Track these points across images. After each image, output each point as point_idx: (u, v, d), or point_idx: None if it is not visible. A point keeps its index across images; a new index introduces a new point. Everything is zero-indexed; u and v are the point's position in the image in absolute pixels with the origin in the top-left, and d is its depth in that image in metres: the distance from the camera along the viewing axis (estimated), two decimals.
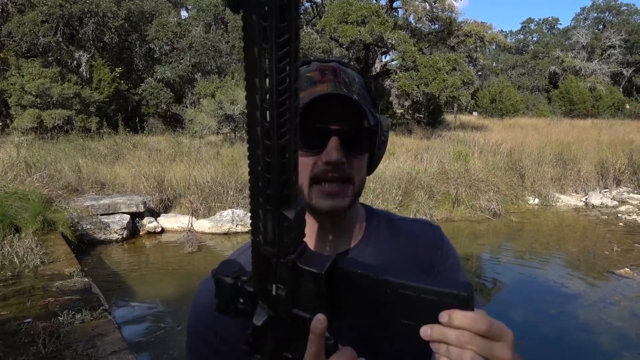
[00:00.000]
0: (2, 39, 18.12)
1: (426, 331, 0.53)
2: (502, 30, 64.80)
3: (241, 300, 0.63)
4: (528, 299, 5.91)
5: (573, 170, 12.24)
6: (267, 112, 0.51)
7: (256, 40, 0.49)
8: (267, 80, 0.50)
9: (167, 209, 8.87)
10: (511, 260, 7.70)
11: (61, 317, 3.95)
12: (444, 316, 0.52)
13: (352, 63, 24.39)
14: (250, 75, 0.52)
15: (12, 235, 6.33)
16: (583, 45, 46.43)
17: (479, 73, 35.34)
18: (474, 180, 10.38)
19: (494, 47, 29.66)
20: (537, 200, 11.30)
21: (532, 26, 63.69)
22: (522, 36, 63.31)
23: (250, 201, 0.56)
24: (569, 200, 11.45)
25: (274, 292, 0.59)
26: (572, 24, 55.01)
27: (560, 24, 64.99)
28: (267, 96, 0.50)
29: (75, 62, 19.70)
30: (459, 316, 0.52)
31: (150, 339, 4.33)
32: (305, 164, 0.81)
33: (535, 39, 61.52)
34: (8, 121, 16.46)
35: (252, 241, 0.58)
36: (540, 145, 13.68)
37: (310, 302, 0.59)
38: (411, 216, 9.17)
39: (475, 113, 35.91)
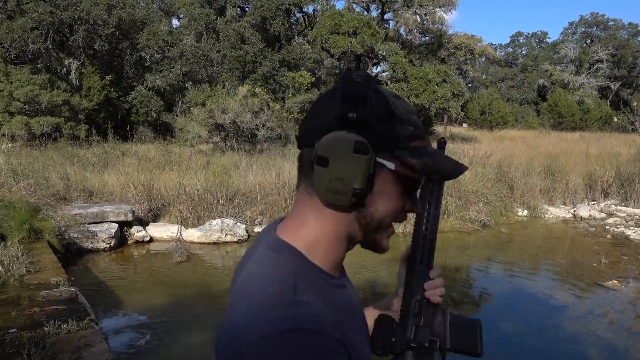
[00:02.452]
0: None
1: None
2: (491, 43, 65.60)
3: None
4: (516, 311, 5.92)
5: (561, 182, 12.34)
6: None
7: None
8: None
9: (156, 218, 8.81)
10: (500, 272, 7.72)
11: (47, 327, 3.88)
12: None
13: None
14: None
15: None
16: (571, 59, 47.07)
17: (469, 85, 35.64)
18: (464, 192, 10.42)
19: (483, 59, 29.96)
20: (526, 212, 11.37)
21: (521, 40, 64.50)
22: (511, 49, 64.07)
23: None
24: (557, 212, 11.53)
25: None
26: (561, 38, 55.79)
27: (549, 37, 65.79)
28: None
29: (64, 69, 19.60)
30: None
31: (137, 349, 4.27)
32: (397, 208, 0.83)
33: (524, 52, 62.30)
34: None
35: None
36: (529, 157, 13.79)
37: None
38: (401, 226, 9.19)
39: (465, 124, 36.20)
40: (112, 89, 19.85)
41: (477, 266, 7.98)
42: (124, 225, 8.11)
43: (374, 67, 26.77)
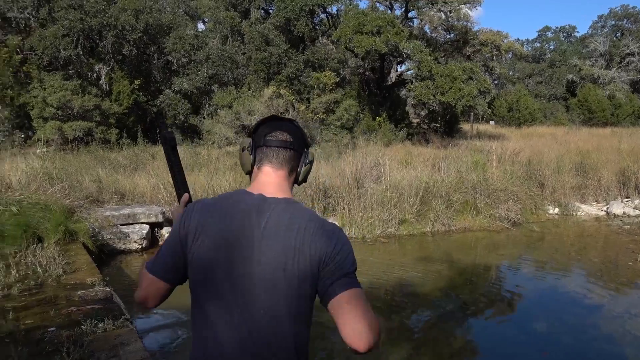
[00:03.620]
0: (24, 53, 18.51)
1: None
2: (518, 39, 64.66)
3: None
4: (550, 310, 5.82)
5: (593, 179, 12.07)
6: None
7: None
8: None
9: None
10: (532, 271, 7.60)
11: (84, 326, 3.99)
12: None
13: (367, 73, 24.49)
14: None
15: (35, 245, 6.43)
16: (601, 53, 45.96)
17: (496, 82, 35.15)
18: (493, 190, 10.29)
19: (510, 55, 29.47)
20: (557, 210, 11.17)
21: (549, 34, 63.31)
22: (538, 44, 62.94)
23: None
24: (589, 209, 11.29)
25: None
26: (590, 31, 54.55)
27: (578, 31, 64.51)
28: None
29: (95, 74, 20.03)
30: None
31: (171, 347, 4.35)
32: None
33: (552, 47, 61.11)
34: (30, 133, 16.77)
35: None
36: (559, 154, 13.54)
37: None
38: (429, 225, 9.12)
39: (492, 122, 35.70)
40: (141, 93, 20.21)
41: (507, 265, 7.88)
42: (154, 226, 8.27)
43: (399, 66, 26.63)
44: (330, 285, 1.35)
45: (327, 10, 24.35)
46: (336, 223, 8.85)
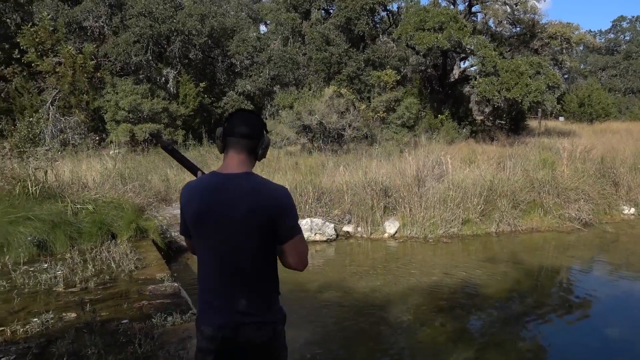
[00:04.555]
0: (99, 59, 19.56)
1: None
2: (590, 30, 61.44)
3: None
4: (626, 315, 5.52)
5: None
6: None
7: None
8: None
9: None
10: (605, 274, 7.23)
11: (154, 319, 4.18)
12: None
13: (429, 70, 24.09)
14: None
15: (109, 241, 6.79)
16: None
17: (566, 76, 33.62)
18: (562, 189, 9.87)
19: (581, 48, 28.09)
20: (632, 210, 10.55)
21: (624, 24, 59.78)
22: (612, 35, 59.61)
23: None
24: None
25: None
26: None
27: None
28: None
29: (163, 78, 20.87)
30: None
31: None
32: None
33: (627, 37, 57.67)
34: (104, 135, 17.70)
35: None
36: (636, 151, 12.78)
37: None
38: (494, 225, 8.88)
39: (561, 118, 34.18)
40: (206, 95, 20.86)
41: (578, 268, 7.53)
42: None
43: (462, 62, 26.00)
44: (279, 232, 1.96)
45: (387, 7, 24.15)
46: (397, 222, 8.80)
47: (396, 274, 6.88)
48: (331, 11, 24.04)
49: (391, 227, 8.87)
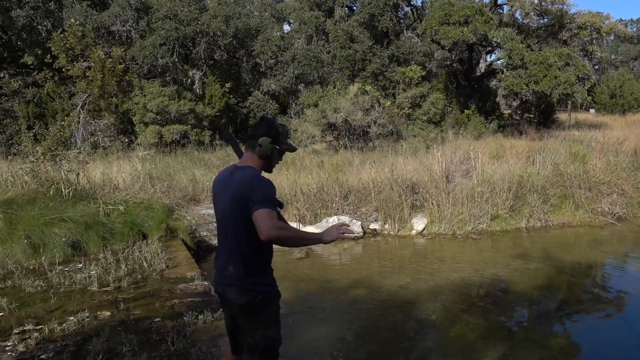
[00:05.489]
0: (127, 62, 19.91)
1: None
2: (621, 19, 59.80)
3: None
4: None
5: None
6: None
7: None
8: None
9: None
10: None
11: (186, 317, 4.25)
12: None
13: (454, 65, 23.82)
14: None
15: (140, 241, 6.92)
16: None
17: (596, 67, 32.80)
18: (594, 182, 9.65)
19: (612, 38, 27.34)
20: None
21: None
22: None
23: None
24: None
25: None
26: None
27: None
28: None
29: (189, 80, 21.12)
30: None
31: None
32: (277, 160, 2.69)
33: None
34: (133, 137, 18.02)
35: None
36: None
37: None
38: (524, 220, 8.74)
39: (592, 110, 33.37)
40: (231, 96, 21.04)
41: (612, 263, 7.35)
42: None
43: (488, 56, 25.61)
44: (251, 208, 2.37)
45: (411, 3, 23.97)
46: (424, 219, 8.75)
47: (424, 271, 6.83)
48: (354, 8, 23.96)
49: (419, 224, 8.81)
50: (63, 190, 7.58)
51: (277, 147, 2.60)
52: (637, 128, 18.08)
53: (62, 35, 17.85)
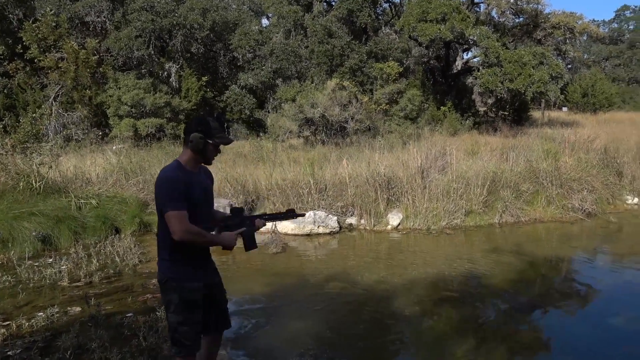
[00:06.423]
0: (101, 54, 19.57)
1: None
2: (594, 20, 61.12)
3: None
4: (629, 306, 5.51)
5: None
6: None
7: None
8: None
9: (251, 211, 9.17)
10: (608, 264, 7.22)
11: (158, 312, 4.21)
12: None
13: (432, 62, 23.99)
14: None
15: (113, 236, 6.83)
16: None
17: (569, 66, 33.41)
18: (565, 179, 9.84)
19: (585, 38, 27.90)
20: (636, 200, 10.53)
21: (628, 14, 59.35)
22: (616, 25, 59.18)
23: None
24: None
25: None
26: None
27: None
28: None
29: (165, 73, 20.86)
30: None
31: (240, 335, 4.50)
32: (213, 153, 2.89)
33: (631, 27, 57.23)
34: (107, 130, 17.73)
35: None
36: (639, 141, 12.73)
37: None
38: (497, 216, 8.89)
39: (564, 108, 34.01)
40: (208, 89, 20.86)
41: (582, 258, 7.52)
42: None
43: (465, 53, 25.86)
44: (162, 209, 2.71)
45: None
46: (400, 214, 8.81)
47: (399, 265, 6.89)
48: (333, 3, 23.94)
49: (394, 219, 8.87)
50: (34, 183, 7.43)
51: (210, 141, 2.78)
52: (607, 126, 18.49)
53: (34, 25, 17.44)
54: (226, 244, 2.92)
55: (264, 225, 3.21)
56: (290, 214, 3.29)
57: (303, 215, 3.46)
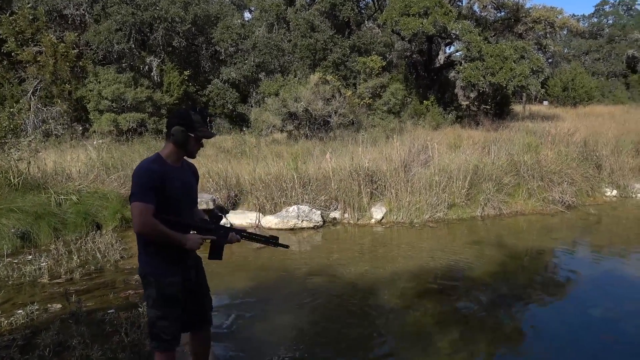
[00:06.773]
0: (80, 48, 19.25)
1: None
2: (574, 15, 61.81)
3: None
4: (607, 296, 5.62)
5: None
6: None
7: None
8: None
9: (235, 206, 9.14)
10: (588, 255, 7.35)
11: (141, 308, 4.18)
12: None
13: (414, 56, 24.06)
14: None
15: (94, 232, 6.75)
16: None
17: (550, 60, 33.73)
18: (546, 172, 9.97)
19: (565, 32, 28.20)
20: (615, 192, 10.71)
21: (607, 8, 60.07)
22: (596, 19, 59.88)
23: None
24: None
25: None
26: None
27: (639, 4, 60.83)
28: None
29: (146, 67, 20.61)
30: None
31: (221, 330, 4.49)
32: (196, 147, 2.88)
33: (610, 21, 57.99)
34: (87, 125, 17.48)
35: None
36: (618, 134, 12.94)
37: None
38: (479, 209, 8.97)
39: (545, 102, 34.42)
40: (190, 84, 20.66)
41: (562, 249, 7.63)
42: (205, 213, 8.45)
43: (447, 47, 25.99)
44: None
45: None
46: (383, 208, 8.85)
47: (383, 259, 6.92)
48: None
49: (378, 212, 8.91)
50: (12, 179, 7.30)
51: (192, 135, 2.76)
52: (587, 120, 18.76)
53: (11, 18, 17.09)
54: (189, 246, 2.79)
55: (238, 241, 3.07)
56: (272, 241, 3.19)
57: (287, 246, 3.35)
